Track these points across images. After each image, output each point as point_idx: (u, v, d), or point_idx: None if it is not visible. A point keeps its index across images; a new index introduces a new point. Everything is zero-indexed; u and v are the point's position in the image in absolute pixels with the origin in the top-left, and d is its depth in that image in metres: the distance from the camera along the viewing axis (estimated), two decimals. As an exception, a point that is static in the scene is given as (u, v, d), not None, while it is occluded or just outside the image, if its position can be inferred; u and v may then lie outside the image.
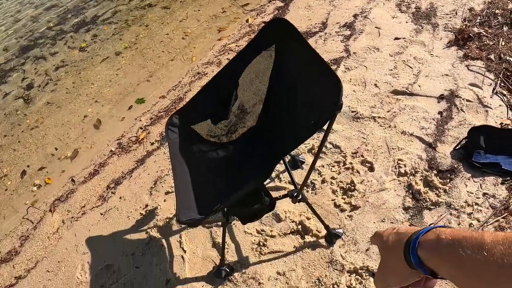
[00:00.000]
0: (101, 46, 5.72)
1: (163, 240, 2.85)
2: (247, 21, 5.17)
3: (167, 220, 2.95)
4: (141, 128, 3.98)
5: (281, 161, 2.68)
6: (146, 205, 3.14)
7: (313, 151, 3.03)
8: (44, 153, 4.26)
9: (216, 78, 2.32)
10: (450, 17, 3.92)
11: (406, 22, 4.05)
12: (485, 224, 2.31)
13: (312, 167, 1.89)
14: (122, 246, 2.94)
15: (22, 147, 4.42)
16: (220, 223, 2.77)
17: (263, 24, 4.66)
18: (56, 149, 4.27)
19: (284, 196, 2.19)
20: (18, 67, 5.83)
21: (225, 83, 2.34)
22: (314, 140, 3.09)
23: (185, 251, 2.73)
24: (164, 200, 3.12)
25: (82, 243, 3.07)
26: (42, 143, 4.40)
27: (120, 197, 3.31)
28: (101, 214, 3.24)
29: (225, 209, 2.20)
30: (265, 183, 2.33)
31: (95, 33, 6.07)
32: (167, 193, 3.17)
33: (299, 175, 2.87)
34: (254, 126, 2.49)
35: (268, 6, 5.38)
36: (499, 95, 3.03)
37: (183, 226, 2.84)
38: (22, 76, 5.60)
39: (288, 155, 2.95)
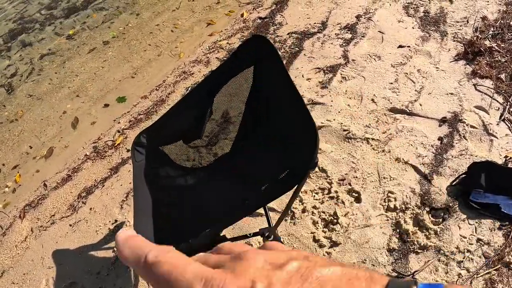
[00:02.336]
0: (89, 35, 5.64)
1: (129, 262, 2.74)
2: (242, 15, 5.03)
3: (136, 240, 2.84)
4: (118, 131, 3.88)
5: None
6: (116, 220, 3.05)
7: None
8: (20, 150, 4.18)
9: (190, 95, 2.24)
10: (460, 26, 3.76)
11: (413, 27, 3.90)
12: (475, 276, 2.17)
13: (286, 210, 1.78)
14: (88, 263, 2.87)
15: (-1, 142, 4.33)
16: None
17: (259, 21, 4.54)
18: (30, 147, 4.18)
19: (255, 234, 2.06)
20: (4, 53, 5.77)
21: (200, 102, 2.21)
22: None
23: (150, 277, 2.62)
24: (135, 216, 3.01)
25: (49, 256, 3.00)
26: (19, 139, 4.32)
27: (91, 209, 3.21)
28: (70, 225, 3.15)
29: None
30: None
31: (85, 20, 5.98)
32: (138, 208, 3.05)
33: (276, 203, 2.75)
34: (228, 153, 2.36)
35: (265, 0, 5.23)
36: (506, 122, 2.87)
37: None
38: (7, 63, 5.53)
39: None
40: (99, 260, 2.85)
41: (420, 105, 3.12)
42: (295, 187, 1.56)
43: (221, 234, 1.92)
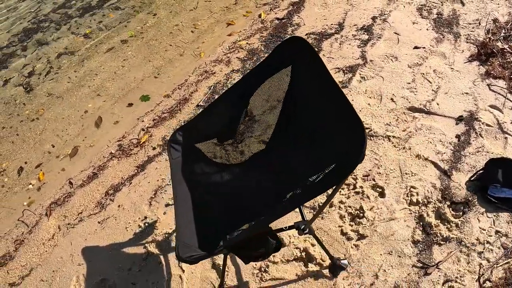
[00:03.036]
0: (107, 34, 5.70)
1: (161, 257, 2.85)
2: (259, 16, 5.14)
3: (166, 235, 2.95)
4: (143, 129, 3.95)
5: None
6: (145, 217, 3.13)
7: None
8: (42, 149, 4.23)
9: (226, 95, 2.28)
10: (473, 28, 3.89)
11: (427, 29, 4.03)
12: (495, 266, 2.30)
13: (323, 207, 1.88)
14: (118, 259, 2.93)
15: (20, 141, 4.40)
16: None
17: (276, 22, 4.64)
18: (53, 146, 4.24)
19: (290, 227, 2.15)
20: (20, 52, 5.81)
21: (236, 101, 2.31)
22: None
23: (183, 271, 2.73)
24: (164, 213, 3.11)
25: (78, 253, 3.06)
26: (40, 138, 4.37)
27: (119, 206, 3.30)
28: (99, 222, 3.23)
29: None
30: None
31: (101, 19, 6.05)
32: (167, 205, 3.16)
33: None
34: (265, 149, 2.45)
35: (282, 0, 5.34)
36: (520, 120, 3.00)
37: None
38: (24, 62, 5.58)
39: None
40: (130, 256, 2.91)
41: (437, 104, 3.24)
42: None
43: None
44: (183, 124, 3.52)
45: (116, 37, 5.60)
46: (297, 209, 2.58)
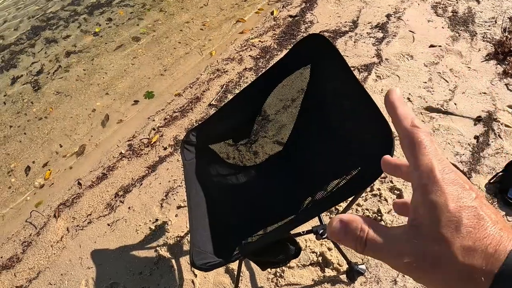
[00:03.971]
0: (116, 32, 5.66)
1: (173, 261, 2.81)
2: (272, 13, 5.09)
3: (178, 238, 2.91)
4: (153, 129, 3.92)
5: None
6: (156, 219, 3.09)
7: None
8: (50, 148, 4.21)
9: (240, 95, 2.23)
10: (489, 26, 3.83)
11: (442, 27, 3.97)
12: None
13: (347, 208, 1.83)
14: (129, 263, 2.90)
15: (28, 140, 4.37)
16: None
17: (289, 20, 4.59)
18: (61, 146, 4.21)
19: (308, 232, 2.11)
20: (28, 50, 5.79)
21: (252, 101, 2.27)
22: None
23: (195, 275, 2.70)
24: (176, 215, 3.07)
25: (87, 256, 3.04)
26: (48, 138, 4.34)
27: (129, 208, 3.26)
28: (108, 224, 3.20)
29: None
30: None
31: (110, 17, 6.01)
32: (179, 207, 3.12)
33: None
34: (282, 151, 2.39)
35: (295, -3, 5.28)
36: (539, 122, 2.95)
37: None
38: (32, 60, 5.56)
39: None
40: (141, 259, 2.89)
41: (455, 104, 3.19)
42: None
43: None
44: (195, 124, 3.49)
45: (126, 34, 5.56)
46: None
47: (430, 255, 0.44)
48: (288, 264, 2.56)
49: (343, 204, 2.73)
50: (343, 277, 2.46)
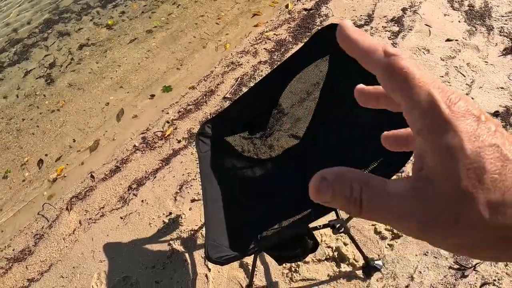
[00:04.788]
0: (130, 25, 5.62)
1: (187, 255, 2.78)
2: (286, 6, 5.02)
3: (192, 232, 2.88)
4: (167, 122, 3.88)
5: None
6: (170, 213, 3.06)
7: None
8: (63, 142, 4.19)
9: (257, 86, 2.20)
10: (506, 20, 3.77)
11: (459, 21, 3.91)
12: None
13: None
14: (141, 256, 2.88)
15: (40, 133, 4.35)
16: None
17: (304, 13, 4.54)
18: (74, 140, 4.19)
19: (325, 226, 2.08)
20: (40, 43, 5.76)
21: (268, 93, 2.22)
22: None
23: (209, 269, 2.66)
24: (190, 209, 3.04)
25: (99, 249, 3.02)
26: (61, 131, 4.32)
27: (142, 201, 3.23)
28: (121, 218, 3.17)
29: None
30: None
31: (123, 10, 5.95)
32: (193, 200, 3.09)
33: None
34: (299, 142, 2.33)
35: (309, -10, 5.22)
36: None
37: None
38: (45, 53, 5.53)
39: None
40: (154, 253, 2.86)
41: (472, 98, 3.13)
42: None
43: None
44: (209, 117, 3.45)
45: (140, 28, 5.52)
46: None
47: (446, 217, 0.35)
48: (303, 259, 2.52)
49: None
50: (359, 272, 2.41)
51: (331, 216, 2.15)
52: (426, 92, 0.36)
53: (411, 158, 1.38)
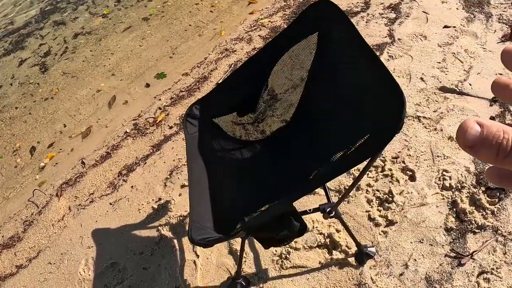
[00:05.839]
0: (125, 14, 5.58)
1: (175, 241, 2.72)
2: (282, -6, 4.95)
3: (181, 218, 2.82)
4: (160, 108, 3.83)
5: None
6: (160, 198, 3.00)
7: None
8: (55, 129, 4.15)
9: (245, 66, 2.14)
10: (505, 8, 3.70)
11: (457, 8, 3.84)
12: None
13: (351, 189, 1.74)
14: (130, 243, 2.82)
15: (33, 120, 4.33)
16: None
17: (300, 0, 4.49)
18: (65, 125, 4.15)
19: (315, 210, 2.00)
20: (36, 32, 5.75)
21: (256, 73, 2.16)
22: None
23: (198, 256, 2.60)
24: (180, 194, 2.98)
25: (88, 235, 2.96)
26: (53, 118, 4.29)
27: (132, 186, 3.18)
28: (110, 204, 3.12)
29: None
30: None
31: (119, -1, 5.92)
32: (183, 186, 3.03)
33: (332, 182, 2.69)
34: (288, 124, 2.29)
35: (305, -22, 5.16)
36: (556, 103, 2.82)
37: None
38: (40, 42, 5.52)
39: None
40: (143, 239, 2.81)
41: (470, 84, 3.07)
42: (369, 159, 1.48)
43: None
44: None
45: (135, 16, 5.48)
46: (322, 192, 2.44)
47: None
48: (294, 246, 2.45)
49: (349, 182, 2.66)
50: (352, 260, 2.34)
51: (322, 200, 2.10)
52: None
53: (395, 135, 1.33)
